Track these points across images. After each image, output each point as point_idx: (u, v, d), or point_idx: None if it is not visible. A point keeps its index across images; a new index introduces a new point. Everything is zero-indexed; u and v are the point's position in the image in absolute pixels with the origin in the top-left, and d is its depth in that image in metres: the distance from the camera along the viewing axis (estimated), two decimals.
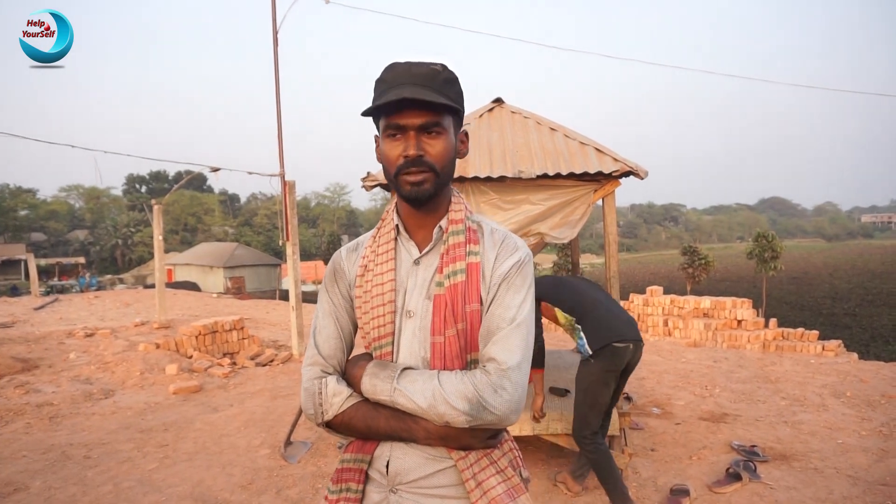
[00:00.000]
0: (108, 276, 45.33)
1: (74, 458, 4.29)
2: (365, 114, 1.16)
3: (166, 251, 14.45)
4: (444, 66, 1.15)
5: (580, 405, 3.28)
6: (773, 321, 9.43)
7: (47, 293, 27.69)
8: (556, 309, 3.40)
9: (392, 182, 1.16)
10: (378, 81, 1.16)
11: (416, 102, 1.09)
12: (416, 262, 1.21)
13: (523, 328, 1.13)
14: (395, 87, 1.12)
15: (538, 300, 3.41)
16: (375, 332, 1.18)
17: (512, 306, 1.14)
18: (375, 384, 1.13)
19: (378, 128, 1.20)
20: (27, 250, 39.07)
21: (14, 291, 33.29)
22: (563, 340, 9.08)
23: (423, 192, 1.13)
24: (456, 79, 1.17)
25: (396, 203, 1.25)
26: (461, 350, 1.14)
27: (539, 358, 3.34)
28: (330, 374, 1.21)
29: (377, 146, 1.23)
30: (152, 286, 17.43)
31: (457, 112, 1.17)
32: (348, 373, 1.20)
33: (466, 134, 1.25)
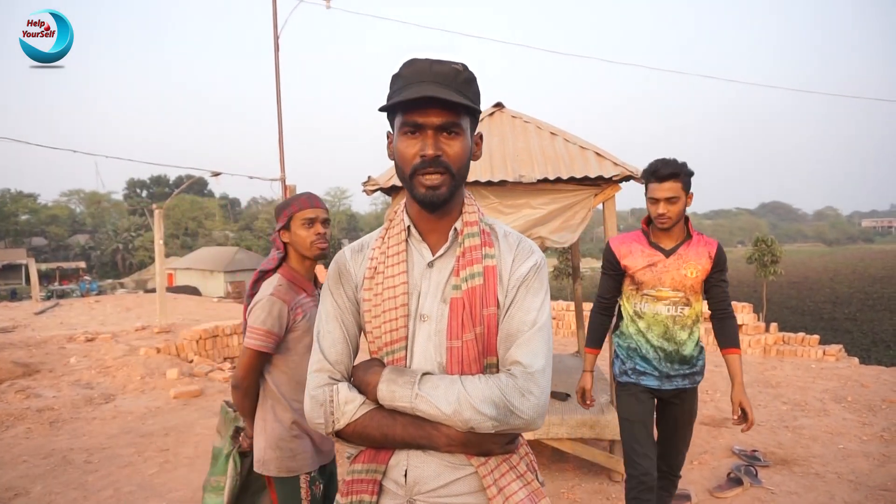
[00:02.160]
0: (109, 281, 45.40)
1: (75, 463, 4.29)
2: (383, 109, 1.12)
3: (167, 255, 14.47)
4: (464, 66, 1.11)
5: (689, 437, 2.66)
6: (773, 326, 9.40)
7: (48, 298, 27.70)
8: (701, 291, 2.50)
9: (405, 182, 1.12)
10: (396, 77, 1.12)
11: (439, 101, 1.04)
12: (430, 264, 1.16)
13: (544, 331, 1.11)
14: (416, 83, 1.07)
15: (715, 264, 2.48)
16: (387, 337, 1.13)
17: (532, 309, 1.11)
18: (394, 390, 1.07)
19: (393, 125, 1.15)
20: (28, 255, 39.09)
21: (13, 295, 33.36)
22: (560, 344, 9.07)
23: (438, 197, 1.09)
24: (474, 79, 1.13)
25: (406, 204, 1.21)
26: (479, 354, 1.10)
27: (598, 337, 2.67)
28: (339, 380, 1.14)
29: (389, 143, 1.18)
30: (153, 290, 17.43)
31: (474, 113, 1.13)
32: (359, 379, 1.13)
33: (481, 136, 1.21)
